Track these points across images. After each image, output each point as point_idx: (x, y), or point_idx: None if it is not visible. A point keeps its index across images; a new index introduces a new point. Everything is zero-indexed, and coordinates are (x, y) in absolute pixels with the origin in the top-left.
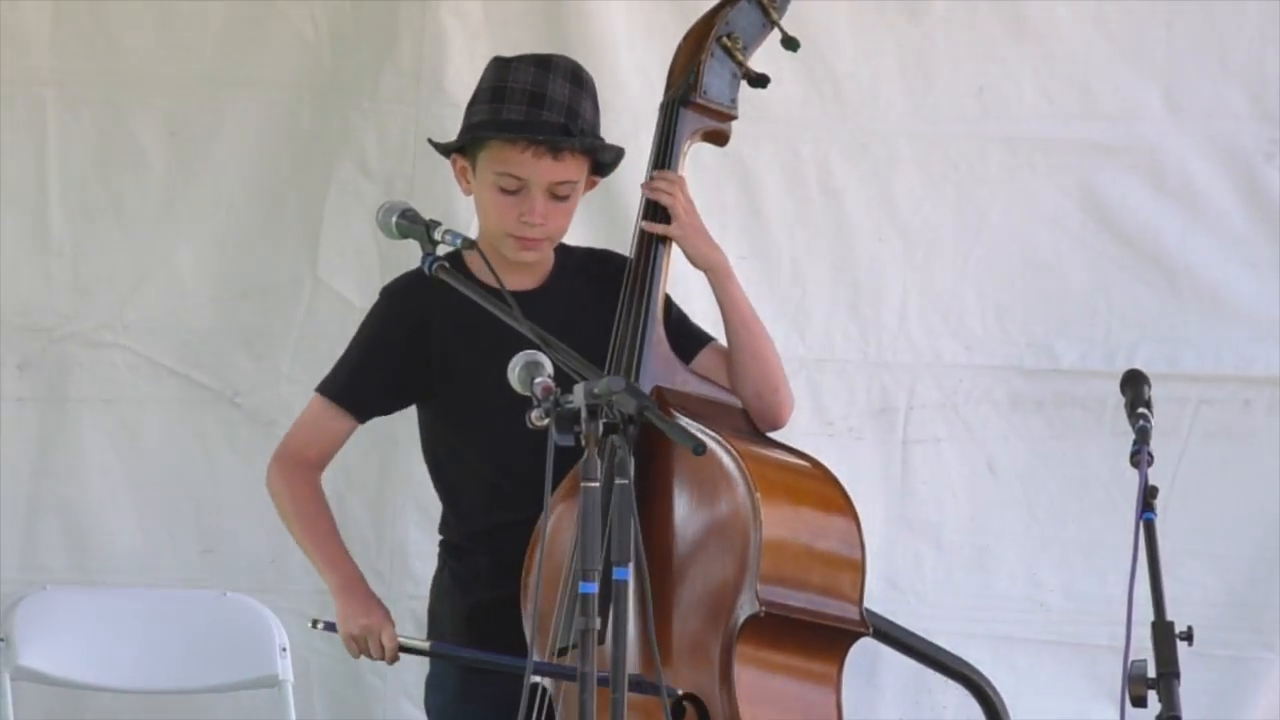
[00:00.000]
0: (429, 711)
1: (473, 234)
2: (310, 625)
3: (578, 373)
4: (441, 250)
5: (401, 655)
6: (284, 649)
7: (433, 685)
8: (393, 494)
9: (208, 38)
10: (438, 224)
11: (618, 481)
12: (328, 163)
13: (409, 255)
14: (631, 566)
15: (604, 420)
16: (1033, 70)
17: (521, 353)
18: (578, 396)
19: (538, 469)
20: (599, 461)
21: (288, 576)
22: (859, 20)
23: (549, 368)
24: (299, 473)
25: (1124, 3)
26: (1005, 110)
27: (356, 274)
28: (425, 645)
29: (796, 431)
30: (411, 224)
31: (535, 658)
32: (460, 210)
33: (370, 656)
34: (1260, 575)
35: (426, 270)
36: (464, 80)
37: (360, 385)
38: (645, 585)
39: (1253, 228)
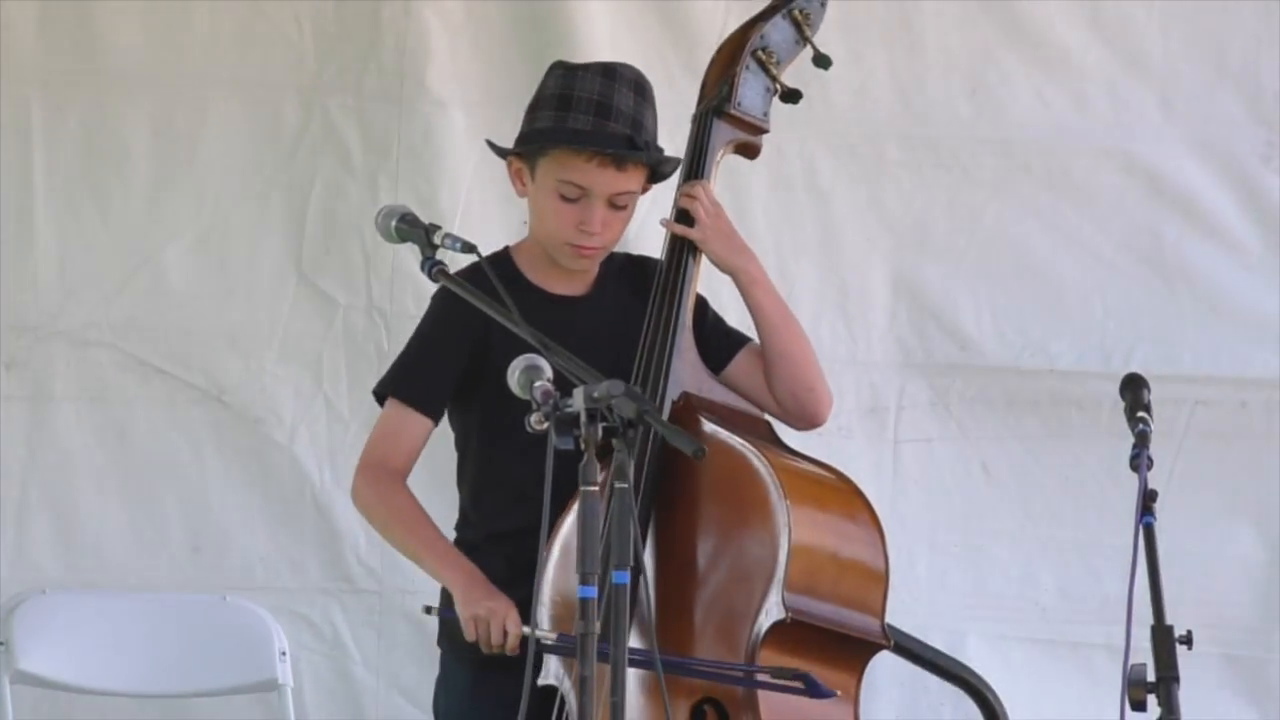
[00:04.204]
0: (437, 714)
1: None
2: (424, 611)
3: (577, 376)
4: (441, 254)
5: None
6: (283, 653)
7: (442, 686)
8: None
9: (192, 38)
10: (437, 228)
11: (617, 485)
12: (312, 161)
13: (394, 253)
14: (631, 570)
15: (603, 424)
16: (1026, 73)
17: (521, 356)
18: (577, 400)
19: (566, 475)
20: (598, 465)
21: (276, 574)
22: (848, 20)
23: (549, 371)
24: (387, 480)
25: (1120, 5)
26: (999, 113)
27: (341, 271)
28: (552, 637)
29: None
30: (411, 228)
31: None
32: (443, 207)
33: (490, 644)
34: (1256, 577)
35: (426, 274)
36: (446, 79)
37: (431, 385)
38: (645, 589)
39: (1249, 230)
